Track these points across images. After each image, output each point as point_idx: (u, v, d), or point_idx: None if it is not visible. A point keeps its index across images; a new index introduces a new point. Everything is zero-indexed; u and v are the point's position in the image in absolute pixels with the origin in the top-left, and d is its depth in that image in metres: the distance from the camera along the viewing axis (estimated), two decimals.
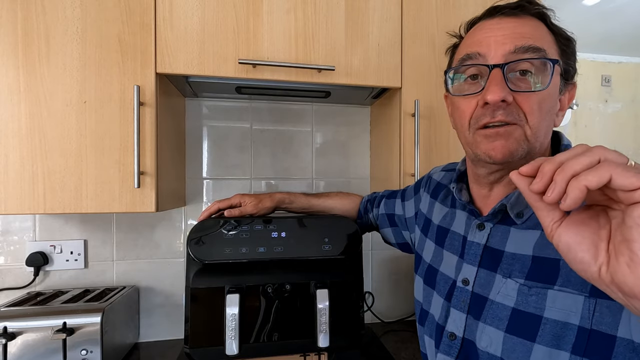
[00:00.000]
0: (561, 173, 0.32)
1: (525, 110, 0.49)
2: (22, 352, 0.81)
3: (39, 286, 1.07)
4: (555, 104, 0.52)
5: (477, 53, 0.52)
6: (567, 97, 0.54)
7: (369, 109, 1.30)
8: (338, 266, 0.91)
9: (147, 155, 0.83)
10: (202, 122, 1.18)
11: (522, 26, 0.51)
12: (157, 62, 0.84)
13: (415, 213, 0.81)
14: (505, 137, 0.50)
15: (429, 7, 0.99)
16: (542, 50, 0.49)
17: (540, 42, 0.50)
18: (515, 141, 0.50)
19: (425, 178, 0.82)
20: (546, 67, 0.49)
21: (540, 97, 0.49)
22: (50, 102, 0.79)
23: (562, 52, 0.52)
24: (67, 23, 0.80)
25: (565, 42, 0.52)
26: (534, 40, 0.49)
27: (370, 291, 1.26)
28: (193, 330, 0.87)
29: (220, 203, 0.90)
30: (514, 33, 0.50)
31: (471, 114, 0.53)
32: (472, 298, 0.55)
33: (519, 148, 0.50)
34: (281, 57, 0.90)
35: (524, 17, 0.52)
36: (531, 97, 0.49)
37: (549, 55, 0.49)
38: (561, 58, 0.51)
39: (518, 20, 0.52)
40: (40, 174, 0.79)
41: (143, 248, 1.13)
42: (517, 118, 0.49)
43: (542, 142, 0.51)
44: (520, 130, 0.50)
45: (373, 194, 1.00)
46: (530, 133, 0.49)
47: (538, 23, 0.52)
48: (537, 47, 0.49)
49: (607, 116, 2.07)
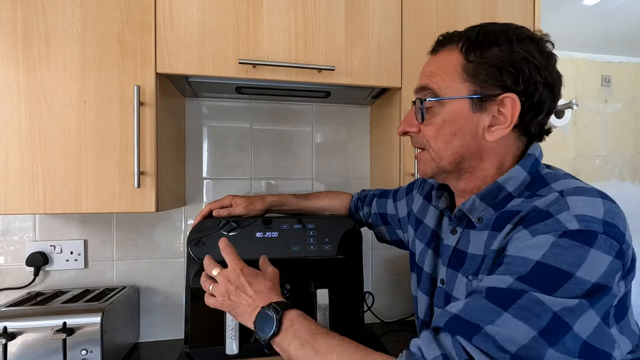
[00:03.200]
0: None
1: (426, 138, 0.59)
2: (22, 352, 0.81)
3: (39, 286, 1.07)
4: (468, 125, 0.56)
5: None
6: (508, 109, 0.54)
7: (369, 109, 1.29)
8: (338, 266, 0.91)
9: (147, 155, 0.83)
10: (202, 122, 1.18)
11: (430, 64, 0.60)
12: (157, 62, 0.84)
13: (408, 213, 0.83)
14: (419, 159, 0.63)
15: (429, 7, 0.99)
16: (428, 89, 0.58)
17: (434, 79, 0.58)
18: (424, 163, 0.61)
19: (419, 180, 0.84)
20: (430, 104, 0.57)
21: (437, 126, 0.57)
22: (50, 102, 0.79)
23: (472, 75, 0.55)
24: (67, 23, 0.80)
25: (480, 64, 0.54)
26: (429, 79, 0.58)
27: (370, 291, 1.26)
28: (193, 330, 0.87)
29: (211, 204, 0.93)
30: (424, 72, 0.60)
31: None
32: (445, 296, 0.62)
33: (428, 168, 0.61)
34: (281, 57, 0.90)
35: (439, 52, 0.60)
36: (429, 127, 0.58)
37: (439, 89, 0.57)
38: (469, 82, 0.55)
39: (433, 58, 0.61)
40: (40, 174, 0.79)
41: (143, 248, 1.13)
42: (423, 144, 0.60)
43: (452, 160, 0.58)
44: (427, 154, 0.60)
45: (363, 191, 1.01)
46: (434, 155, 0.59)
47: (448, 55, 0.57)
48: (424, 86, 0.58)
49: (607, 116, 2.06)
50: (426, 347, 0.44)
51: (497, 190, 0.56)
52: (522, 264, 0.44)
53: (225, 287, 0.62)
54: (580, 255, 0.42)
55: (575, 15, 1.63)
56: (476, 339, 0.41)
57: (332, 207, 1.00)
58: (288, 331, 0.54)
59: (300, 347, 0.52)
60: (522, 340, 0.40)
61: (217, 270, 0.64)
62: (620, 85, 2.07)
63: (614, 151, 2.08)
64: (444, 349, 0.43)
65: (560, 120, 1.38)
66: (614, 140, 2.08)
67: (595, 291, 0.41)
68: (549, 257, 0.42)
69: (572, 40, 1.87)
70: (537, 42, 0.55)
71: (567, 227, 0.43)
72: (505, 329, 0.41)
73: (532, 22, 1.05)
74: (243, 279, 0.62)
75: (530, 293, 0.41)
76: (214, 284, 0.64)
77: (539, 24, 1.06)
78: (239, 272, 0.62)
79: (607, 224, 0.43)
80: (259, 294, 0.60)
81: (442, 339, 0.44)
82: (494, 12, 1.02)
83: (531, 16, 1.06)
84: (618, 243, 0.43)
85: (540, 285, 0.42)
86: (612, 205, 0.46)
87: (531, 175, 0.55)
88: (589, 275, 0.41)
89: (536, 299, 0.41)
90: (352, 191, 1.05)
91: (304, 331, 0.53)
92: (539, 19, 1.06)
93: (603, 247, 0.42)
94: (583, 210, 0.44)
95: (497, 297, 0.43)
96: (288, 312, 0.57)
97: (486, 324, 0.41)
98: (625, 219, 0.45)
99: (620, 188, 2.08)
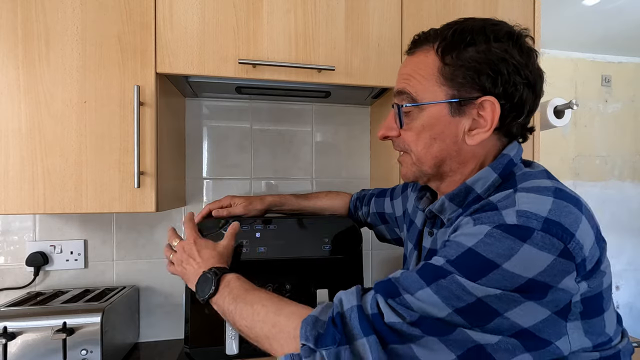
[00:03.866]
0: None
1: (407, 142, 0.59)
2: (22, 352, 0.81)
3: (39, 286, 1.07)
4: (447, 129, 0.55)
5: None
6: (488, 112, 0.53)
7: (369, 109, 1.29)
8: (338, 266, 0.91)
9: (147, 155, 0.83)
10: (202, 122, 1.18)
11: (406, 66, 0.59)
12: (157, 62, 0.84)
13: (403, 212, 0.83)
14: (402, 163, 0.63)
15: (429, 7, 0.99)
16: (405, 93, 0.57)
17: (411, 82, 0.57)
18: (407, 166, 0.61)
19: None
20: (408, 109, 0.57)
21: (417, 130, 0.57)
22: (50, 102, 0.79)
23: (449, 79, 0.54)
24: (67, 23, 0.80)
25: (457, 67, 0.53)
26: (405, 82, 0.57)
27: None
28: (193, 330, 0.87)
29: (211, 205, 0.93)
30: (400, 75, 0.60)
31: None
32: None
33: (409, 172, 0.61)
34: (281, 57, 0.90)
35: (415, 53, 0.59)
36: (408, 132, 0.58)
37: (416, 93, 0.56)
38: (446, 86, 0.54)
39: (410, 59, 0.60)
40: (40, 174, 0.79)
41: (143, 248, 1.13)
42: (404, 148, 0.60)
43: (433, 164, 0.57)
44: (408, 157, 0.60)
45: (362, 191, 1.01)
46: (415, 159, 0.59)
47: (425, 57, 0.56)
48: (401, 90, 0.58)
49: (607, 116, 2.06)
50: (346, 298, 0.48)
51: (465, 192, 0.56)
52: (455, 248, 0.45)
53: (180, 256, 0.72)
54: (511, 248, 0.42)
55: (575, 15, 1.63)
56: (391, 300, 0.45)
57: (332, 207, 1.00)
58: (224, 290, 0.61)
59: (232, 301, 0.58)
60: (437, 313, 0.43)
61: (176, 241, 0.75)
62: (620, 85, 2.07)
63: (614, 151, 2.08)
64: (362, 301, 0.47)
65: (560, 120, 1.38)
66: (614, 140, 2.08)
67: (533, 288, 0.41)
68: (479, 246, 0.43)
69: (572, 40, 1.87)
70: (515, 39, 0.53)
71: (504, 221, 0.44)
72: (422, 300, 0.44)
73: (532, 22, 1.05)
74: (194, 248, 0.71)
75: (454, 275, 0.43)
76: (173, 253, 0.74)
77: (539, 24, 1.06)
78: (192, 243, 0.72)
79: (548, 222, 0.42)
80: (205, 261, 0.68)
81: (366, 295, 0.48)
82: (494, 12, 1.03)
83: (531, 16, 1.06)
84: (562, 242, 0.41)
85: (465, 271, 0.43)
86: (564, 205, 0.44)
87: (502, 176, 0.54)
88: (521, 270, 0.41)
89: (458, 282, 0.43)
90: (352, 191, 1.05)
91: (238, 289, 0.60)
92: (539, 19, 1.06)
93: (539, 244, 0.41)
94: (526, 207, 0.44)
95: (425, 273, 0.45)
96: (226, 275, 0.63)
97: (406, 293, 0.45)
98: (580, 218, 0.44)
99: (620, 188, 2.09)
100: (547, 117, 1.35)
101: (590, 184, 2.04)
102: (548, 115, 1.35)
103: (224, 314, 0.60)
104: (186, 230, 0.76)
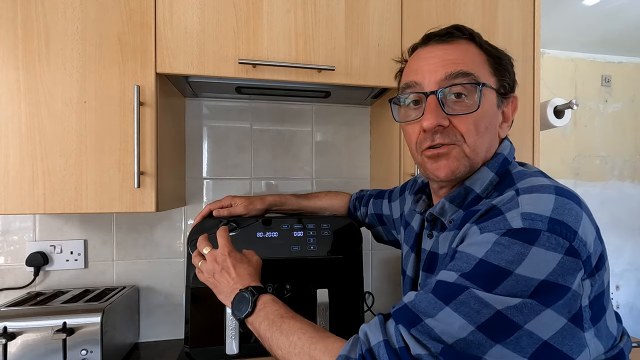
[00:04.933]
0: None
1: (461, 131, 0.54)
2: (22, 352, 0.81)
3: (39, 286, 1.07)
4: (494, 119, 0.56)
5: (414, 82, 0.56)
6: (510, 109, 0.58)
7: (369, 109, 1.29)
8: (338, 266, 0.91)
9: (147, 155, 0.83)
10: (202, 122, 1.18)
11: (451, 52, 0.55)
12: (157, 62, 0.84)
13: (401, 214, 0.83)
14: (446, 156, 0.55)
15: (429, 7, 0.99)
16: (471, 74, 0.53)
17: (470, 66, 0.54)
18: (455, 159, 0.55)
19: (411, 181, 0.84)
20: (476, 90, 0.53)
21: (475, 118, 0.53)
22: (50, 102, 0.79)
23: (495, 70, 0.55)
24: (67, 23, 0.80)
25: (497, 60, 0.56)
26: (464, 65, 0.53)
27: (370, 291, 1.26)
28: (193, 330, 0.87)
29: (211, 205, 0.93)
30: (445, 60, 0.54)
31: (416, 139, 0.57)
32: None
33: (460, 166, 0.55)
34: (281, 57, 0.90)
35: (453, 42, 0.56)
36: (466, 119, 0.53)
37: (479, 77, 0.53)
38: (494, 76, 0.55)
39: (448, 47, 0.56)
40: (40, 174, 0.79)
41: (143, 248, 1.13)
42: (455, 139, 0.54)
43: (484, 156, 0.56)
44: (458, 149, 0.54)
45: (361, 191, 1.02)
46: (469, 151, 0.54)
47: (468, 47, 0.56)
48: (465, 71, 0.53)
49: (607, 116, 2.06)
50: (372, 333, 0.47)
51: (464, 193, 0.56)
52: (466, 260, 0.45)
53: (212, 266, 0.68)
54: (520, 253, 0.42)
55: (575, 15, 1.63)
56: (414, 330, 0.44)
57: (332, 207, 1.01)
58: (260, 313, 0.60)
59: (268, 328, 0.57)
60: (460, 334, 0.41)
61: (208, 249, 0.71)
62: (620, 85, 2.07)
63: (614, 151, 2.08)
64: (387, 335, 0.46)
65: (560, 120, 1.38)
66: (614, 140, 2.08)
67: (546, 290, 0.41)
68: (489, 255, 0.43)
69: (572, 40, 1.87)
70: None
71: (510, 226, 0.43)
72: (444, 322, 0.42)
73: (532, 22, 1.05)
74: (229, 261, 0.67)
75: (471, 289, 0.42)
76: (202, 260, 0.71)
77: (539, 24, 1.06)
78: (226, 255, 0.68)
79: (553, 221, 0.42)
80: (240, 277, 0.66)
81: (388, 326, 0.47)
82: (494, 12, 1.03)
83: (531, 16, 1.06)
84: (567, 240, 0.42)
85: (480, 282, 0.42)
86: (565, 202, 0.44)
87: (499, 175, 0.55)
88: (533, 273, 0.41)
89: (476, 295, 0.42)
90: (352, 191, 1.05)
91: (274, 314, 0.58)
92: (539, 19, 1.06)
93: (547, 245, 0.41)
94: (530, 208, 0.44)
95: (441, 291, 0.45)
96: (262, 296, 0.62)
97: (426, 317, 0.44)
98: (581, 215, 0.44)
99: (620, 188, 2.08)
100: (547, 117, 1.35)
101: (590, 184, 2.04)
102: (548, 115, 1.36)
103: (259, 336, 0.59)
104: (220, 241, 0.71)
